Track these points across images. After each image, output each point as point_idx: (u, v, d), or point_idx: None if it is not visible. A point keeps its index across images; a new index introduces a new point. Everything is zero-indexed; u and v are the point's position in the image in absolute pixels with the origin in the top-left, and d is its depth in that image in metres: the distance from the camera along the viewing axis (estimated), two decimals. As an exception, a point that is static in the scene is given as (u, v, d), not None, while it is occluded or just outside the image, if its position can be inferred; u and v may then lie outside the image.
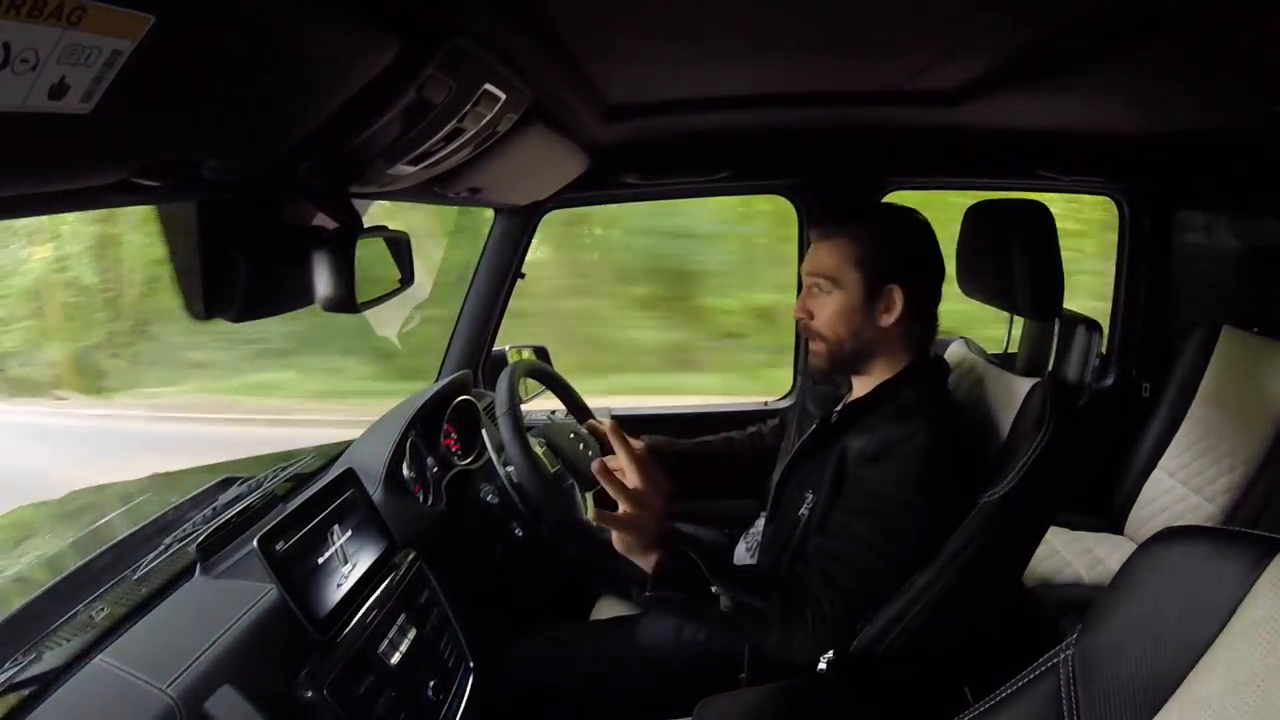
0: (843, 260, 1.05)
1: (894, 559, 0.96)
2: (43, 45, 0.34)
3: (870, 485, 0.98)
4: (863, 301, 1.05)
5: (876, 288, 1.04)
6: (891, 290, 1.04)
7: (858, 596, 0.95)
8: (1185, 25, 0.77)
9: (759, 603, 0.94)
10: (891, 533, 0.95)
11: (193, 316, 0.77)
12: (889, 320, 1.05)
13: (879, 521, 0.96)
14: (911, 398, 1.04)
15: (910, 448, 0.96)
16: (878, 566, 0.95)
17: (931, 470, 0.96)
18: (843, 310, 1.06)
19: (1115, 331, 1.99)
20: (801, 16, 0.85)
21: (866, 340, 1.07)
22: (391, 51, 0.62)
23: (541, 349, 1.77)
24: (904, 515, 0.95)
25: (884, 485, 0.97)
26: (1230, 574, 0.54)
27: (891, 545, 0.95)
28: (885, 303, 1.05)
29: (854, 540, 0.96)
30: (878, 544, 0.95)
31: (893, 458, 0.97)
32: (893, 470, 0.97)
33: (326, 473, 1.21)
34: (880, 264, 1.04)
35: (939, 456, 0.96)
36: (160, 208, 0.78)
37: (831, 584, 0.95)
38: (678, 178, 1.71)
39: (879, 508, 0.96)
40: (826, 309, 1.07)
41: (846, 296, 1.05)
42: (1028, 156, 1.66)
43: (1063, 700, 0.60)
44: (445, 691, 1.00)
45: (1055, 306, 1.10)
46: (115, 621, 0.83)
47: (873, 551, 0.95)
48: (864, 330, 1.06)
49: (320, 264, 0.80)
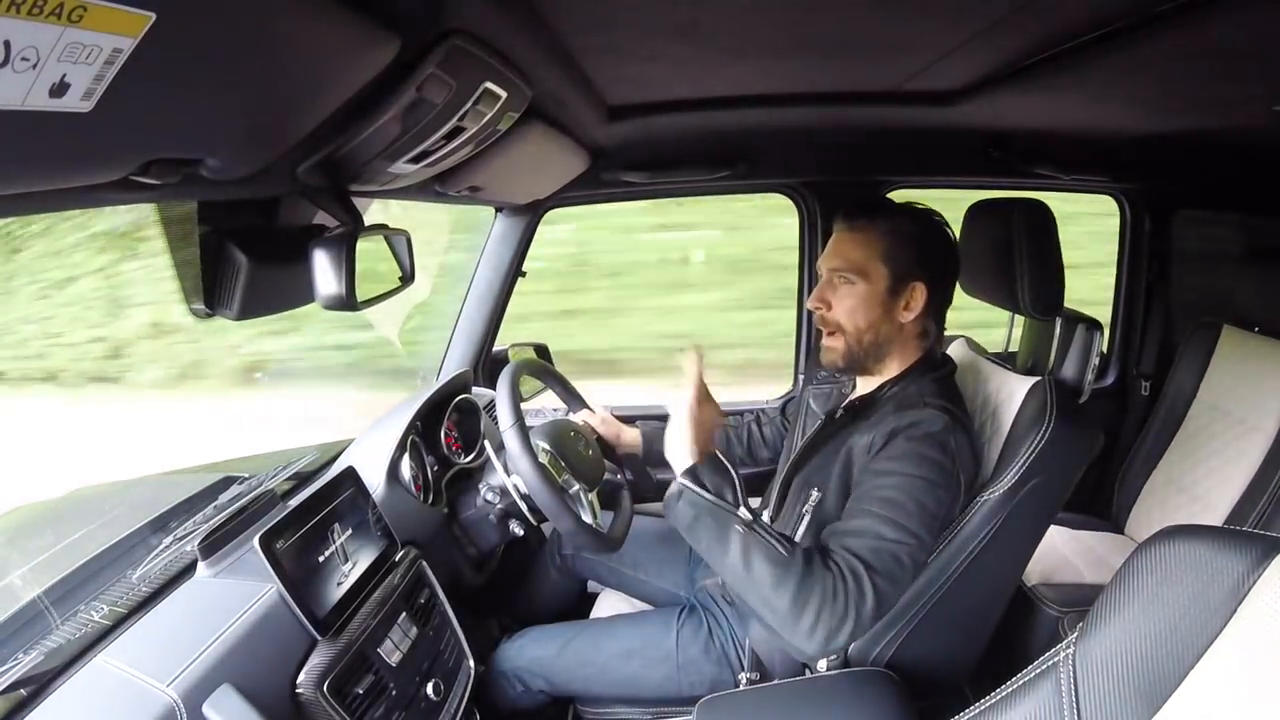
0: (871, 253, 1.05)
1: (911, 534, 0.91)
2: (43, 43, 0.34)
3: (877, 466, 0.96)
4: (885, 295, 1.05)
5: (901, 283, 1.05)
6: (915, 287, 1.05)
7: (878, 568, 0.88)
8: (1185, 25, 0.77)
9: (783, 550, 0.87)
10: (906, 509, 0.92)
11: (194, 314, 0.77)
12: (909, 317, 1.05)
13: (890, 497, 0.92)
14: (914, 392, 1.04)
15: (920, 430, 0.96)
16: (896, 542, 0.90)
17: (941, 451, 0.95)
18: (865, 302, 1.05)
19: (1115, 331, 1.99)
20: (801, 17, 0.84)
21: (884, 334, 1.06)
22: (391, 51, 0.62)
23: (542, 347, 1.76)
24: (914, 490, 0.93)
25: (888, 463, 0.95)
26: (1230, 573, 0.54)
27: (906, 520, 0.91)
28: (907, 299, 1.05)
29: (865, 515, 0.92)
30: (893, 518, 0.91)
31: (897, 439, 0.96)
32: (897, 450, 0.96)
33: (327, 471, 1.21)
34: (906, 259, 1.04)
35: (943, 438, 0.96)
36: (161, 206, 0.78)
37: (858, 563, 0.88)
38: (678, 177, 1.71)
39: (888, 484, 0.94)
40: (847, 301, 1.06)
41: (871, 289, 1.05)
42: (1028, 156, 1.66)
43: (1063, 700, 0.60)
44: (445, 691, 1.00)
45: (1056, 305, 1.10)
46: (115, 621, 0.83)
47: (889, 525, 0.90)
48: (882, 324, 1.06)
49: (320, 262, 0.80)
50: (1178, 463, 1.67)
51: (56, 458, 3.02)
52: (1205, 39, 0.82)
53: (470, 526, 1.26)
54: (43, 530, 1.27)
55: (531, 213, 1.71)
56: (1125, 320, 1.98)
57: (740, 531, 0.89)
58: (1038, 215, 1.08)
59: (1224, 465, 1.57)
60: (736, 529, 0.89)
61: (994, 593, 1.13)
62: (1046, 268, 1.08)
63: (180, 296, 0.80)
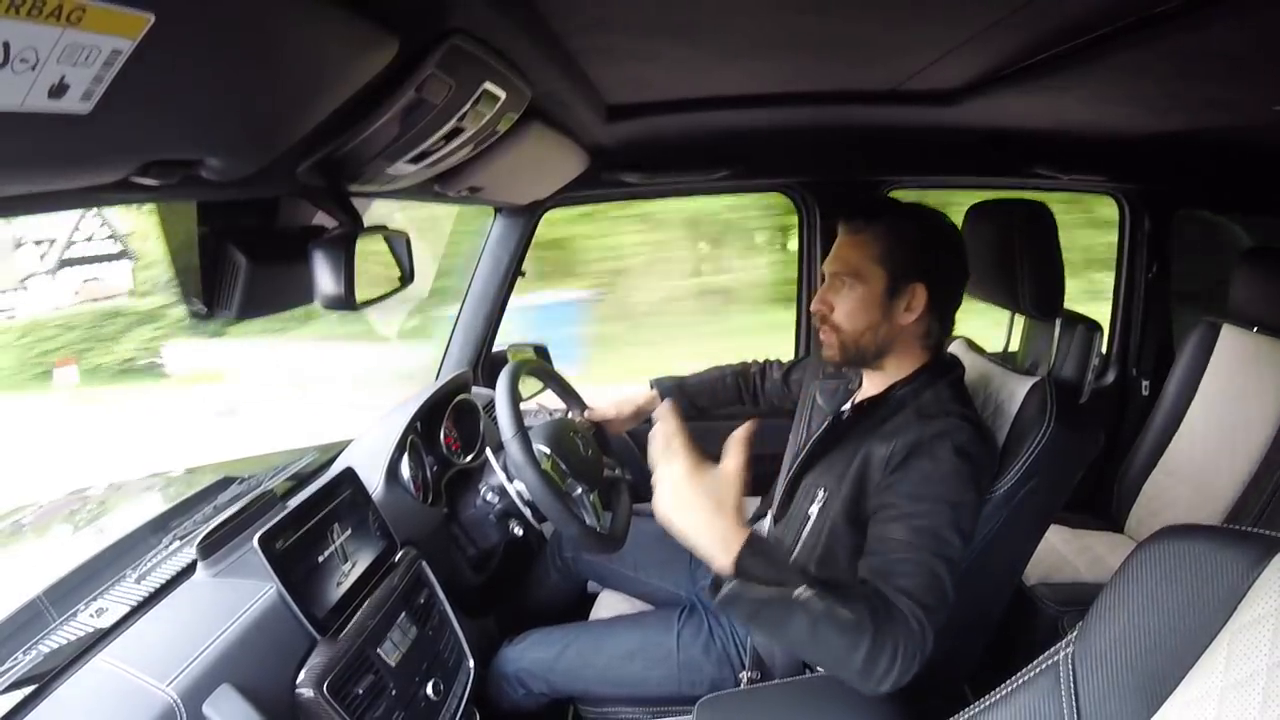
0: (867, 256, 1.04)
1: (951, 559, 0.89)
2: (42, 44, 0.34)
3: (908, 489, 0.94)
4: (884, 297, 1.04)
5: (900, 284, 1.04)
6: (915, 288, 1.04)
7: (932, 605, 0.86)
8: (1186, 25, 0.77)
9: (849, 612, 0.80)
10: (942, 534, 0.90)
11: (193, 314, 0.77)
12: (909, 318, 1.04)
13: (930, 525, 0.91)
14: (932, 399, 1.03)
15: (943, 445, 0.94)
16: (939, 568, 0.88)
17: (966, 465, 0.94)
18: (863, 304, 1.05)
19: (1115, 331, 1.99)
20: (801, 16, 0.84)
21: (883, 336, 1.06)
22: (391, 51, 0.62)
23: (541, 347, 1.76)
24: (952, 513, 0.91)
25: (922, 485, 0.93)
26: (1230, 572, 0.54)
27: (944, 545, 0.90)
28: (907, 300, 1.04)
29: (911, 548, 0.90)
30: (936, 549, 0.89)
31: (925, 456, 0.94)
32: (928, 469, 0.94)
33: (326, 471, 1.21)
34: (905, 261, 1.03)
35: (971, 450, 0.95)
36: (160, 206, 0.78)
37: (913, 603, 0.85)
38: (677, 177, 1.71)
39: (924, 510, 0.92)
40: (847, 302, 1.06)
41: (869, 290, 1.04)
42: (1028, 156, 1.66)
43: (1062, 698, 0.60)
44: (445, 691, 1.00)
45: (1056, 306, 1.10)
46: (116, 620, 0.83)
47: (935, 557, 0.89)
48: (881, 325, 1.05)
49: (320, 262, 0.80)
50: (1177, 462, 1.67)
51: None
52: (1205, 39, 0.82)
53: (470, 526, 1.26)
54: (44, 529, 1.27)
55: (531, 213, 1.71)
56: (1125, 320, 1.98)
57: (803, 610, 0.80)
58: (1038, 216, 1.08)
59: (1223, 465, 1.57)
60: (800, 611, 0.80)
61: (994, 592, 1.13)
62: (1046, 268, 1.08)
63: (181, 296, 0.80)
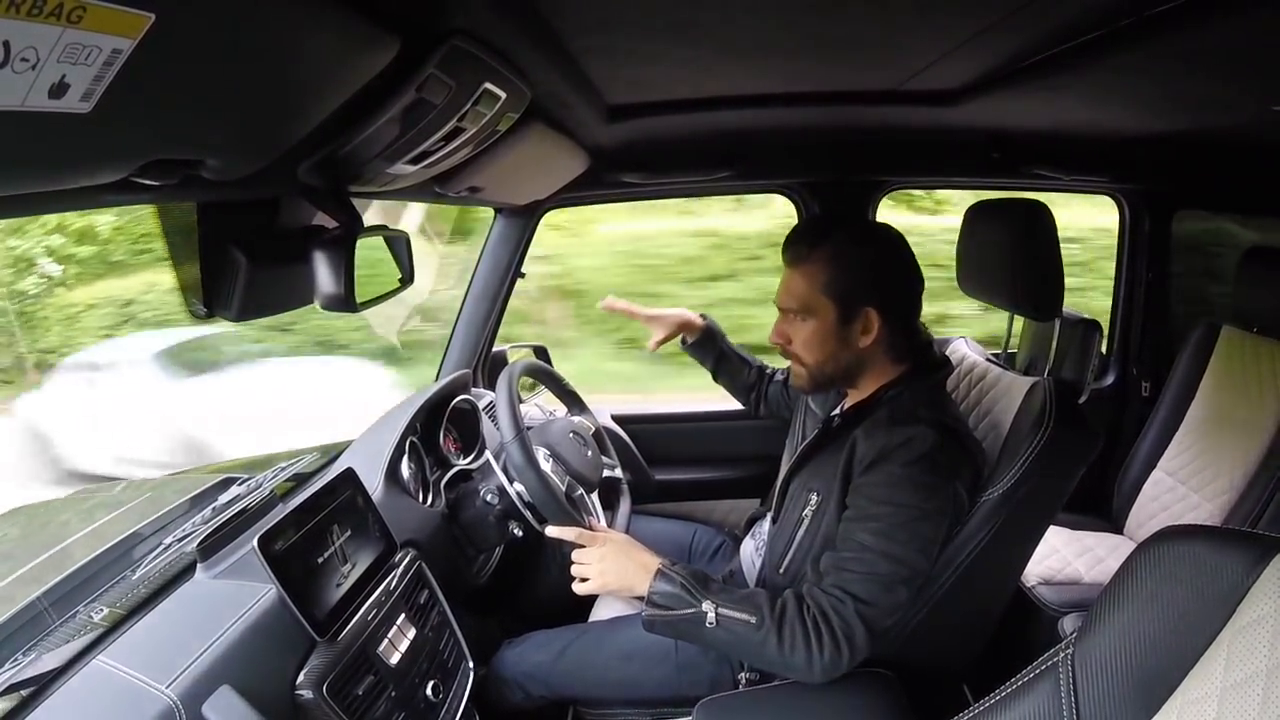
0: (813, 287, 1.03)
1: (906, 565, 0.93)
2: (43, 44, 0.34)
3: (870, 492, 0.96)
4: (837, 326, 1.04)
5: (851, 311, 1.03)
6: (867, 312, 1.03)
7: (873, 607, 0.92)
8: (1185, 25, 0.77)
9: (746, 614, 0.94)
10: (899, 539, 0.93)
11: (193, 315, 0.77)
12: (867, 340, 1.04)
13: (884, 528, 0.93)
14: (907, 403, 1.03)
15: (906, 452, 0.95)
16: (891, 574, 0.92)
17: (930, 473, 0.95)
18: (818, 336, 1.05)
19: (1115, 331, 1.99)
20: (801, 17, 0.84)
21: (846, 362, 1.06)
22: (391, 51, 0.62)
23: (541, 348, 1.77)
24: (909, 520, 0.93)
25: (882, 490, 0.95)
26: (1229, 573, 0.54)
27: (901, 551, 0.92)
28: (862, 325, 1.03)
29: (862, 549, 0.94)
30: (886, 550, 0.92)
31: (889, 461, 0.96)
32: (890, 475, 0.95)
33: (326, 472, 1.21)
34: (853, 287, 1.02)
35: (936, 459, 0.95)
36: (160, 207, 0.78)
37: (846, 597, 0.92)
38: (678, 177, 1.71)
39: (882, 514, 0.94)
40: (801, 334, 1.06)
41: (820, 323, 1.04)
42: (1028, 156, 1.66)
43: (1062, 699, 0.60)
44: (445, 691, 1.00)
45: (1056, 306, 1.10)
46: (115, 621, 0.83)
47: (883, 558, 0.92)
48: (841, 353, 1.05)
49: (320, 263, 0.81)
50: (1177, 463, 1.67)
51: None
52: (1205, 39, 0.82)
53: (469, 527, 1.26)
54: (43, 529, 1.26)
55: (531, 213, 1.71)
56: (1125, 320, 1.98)
57: (711, 624, 0.95)
58: (1037, 216, 1.08)
59: (1223, 465, 1.57)
60: (708, 625, 0.95)
61: (994, 593, 1.13)
62: (1046, 268, 1.08)
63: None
